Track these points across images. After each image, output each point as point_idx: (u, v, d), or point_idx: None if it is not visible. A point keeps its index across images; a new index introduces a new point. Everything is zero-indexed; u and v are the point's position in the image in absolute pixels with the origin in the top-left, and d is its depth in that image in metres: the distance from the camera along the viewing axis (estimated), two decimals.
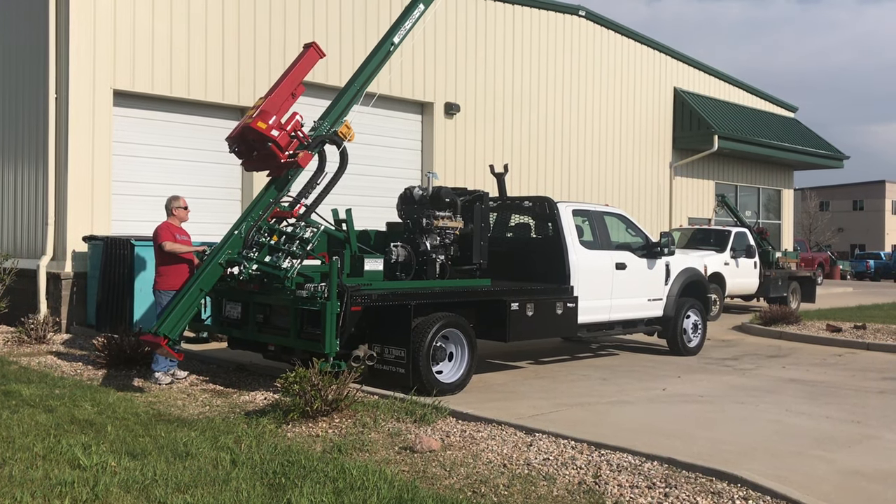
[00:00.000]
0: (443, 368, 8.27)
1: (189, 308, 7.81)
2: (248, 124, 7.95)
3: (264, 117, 7.89)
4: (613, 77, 21.30)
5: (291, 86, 8.30)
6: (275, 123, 7.91)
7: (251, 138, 8.06)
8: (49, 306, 12.05)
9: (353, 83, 8.89)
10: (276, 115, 7.97)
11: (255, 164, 8.50)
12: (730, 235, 17.59)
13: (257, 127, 7.85)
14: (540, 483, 5.24)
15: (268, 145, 7.92)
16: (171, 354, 7.63)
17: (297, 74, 8.47)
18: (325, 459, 5.53)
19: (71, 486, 4.83)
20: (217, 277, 8.05)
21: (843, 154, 28.62)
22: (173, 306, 7.78)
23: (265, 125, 7.84)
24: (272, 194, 8.30)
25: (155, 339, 7.53)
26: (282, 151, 7.96)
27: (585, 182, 20.36)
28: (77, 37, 12.00)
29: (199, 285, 7.89)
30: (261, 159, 8.30)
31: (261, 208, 8.22)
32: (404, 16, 9.37)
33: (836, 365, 10.98)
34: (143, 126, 12.97)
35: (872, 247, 63.39)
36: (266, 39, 14.07)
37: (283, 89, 8.25)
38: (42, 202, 12.34)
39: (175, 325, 7.67)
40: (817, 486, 5.34)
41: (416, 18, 9.38)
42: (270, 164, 8.24)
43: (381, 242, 9.08)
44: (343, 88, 8.97)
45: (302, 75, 8.52)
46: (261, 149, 8.09)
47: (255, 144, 8.11)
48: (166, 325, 7.61)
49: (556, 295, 9.60)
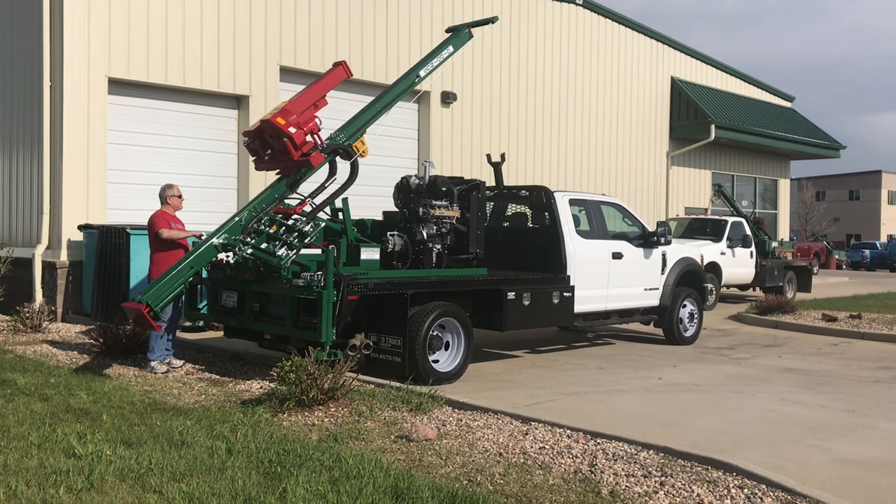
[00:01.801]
0: (439, 357, 8.27)
1: (176, 283, 7.81)
2: (268, 118, 8.08)
3: (285, 115, 8.05)
4: (611, 66, 21.25)
5: (315, 96, 8.47)
6: (294, 122, 8.06)
7: (268, 133, 8.17)
8: (44, 295, 12.03)
9: (375, 104, 9.13)
10: (296, 115, 8.11)
11: (267, 163, 8.61)
12: (726, 225, 17.60)
13: (276, 122, 7.98)
14: (536, 472, 5.25)
15: (283, 141, 8.02)
16: (150, 323, 7.54)
17: (322, 87, 8.65)
18: (320, 448, 5.52)
19: (66, 474, 4.82)
20: (210, 258, 8.08)
21: (839, 144, 28.60)
22: (161, 279, 7.82)
23: (284, 121, 7.99)
24: (280, 189, 8.40)
25: (137, 305, 7.53)
26: (296, 149, 8.06)
27: (582, 171, 20.34)
28: (72, 24, 11.93)
29: (191, 263, 7.92)
30: (273, 158, 8.42)
31: (265, 201, 8.31)
32: (434, 53, 9.85)
33: (832, 354, 11.00)
34: (138, 114, 12.91)
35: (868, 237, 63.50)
36: (262, 27, 13.99)
37: (307, 97, 8.41)
38: (37, 191, 12.30)
39: (159, 295, 7.66)
40: (812, 475, 5.36)
41: (444, 58, 9.86)
42: (282, 162, 8.35)
43: (378, 231, 9.06)
44: (365, 107, 9.16)
45: (327, 89, 8.68)
46: (276, 145, 8.19)
47: (271, 140, 8.21)
48: (150, 294, 7.63)
49: (552, 284, 9.59)
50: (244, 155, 13.94)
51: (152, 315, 7.54)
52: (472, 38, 10.47)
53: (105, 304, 11.11)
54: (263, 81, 14.01)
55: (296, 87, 14.58)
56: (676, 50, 23.59)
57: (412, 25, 16.26)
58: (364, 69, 15.40)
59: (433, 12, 16.61)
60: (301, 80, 14.70)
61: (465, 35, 10.28)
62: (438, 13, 16.71)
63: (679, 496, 4.84)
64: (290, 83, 14.52)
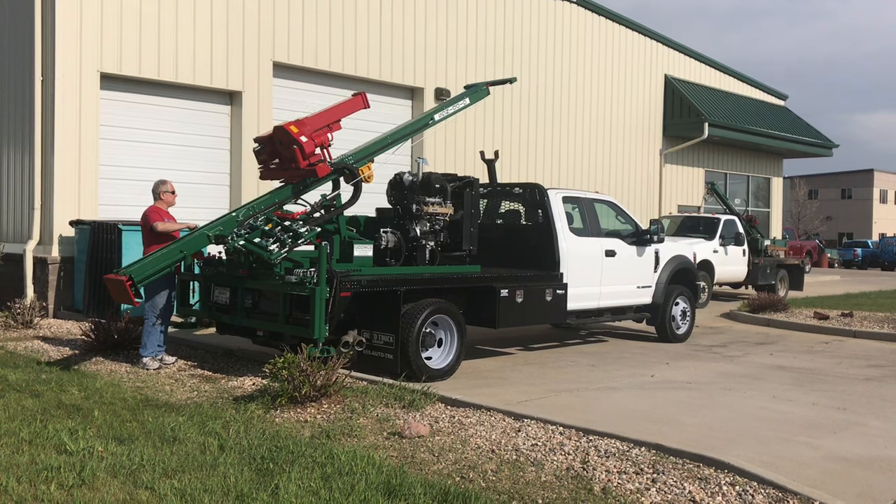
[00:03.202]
0: (432, 354, 8.27)
1: (163, 262, 7.83)
2: (282, 125, 8.32)
3: (298, 125, 8.33)
4: (604, 64, 21.26)
5: (331, 118, 8.74)
6: (306, 132, 8.29)
7: (279, 139, 8.35)
8: (36, 291, 11.98)
9: (388, 137, 9.36)
10: (310, 126, 8.35)
11: (272, 172, 8.78)
12: (719, 223, 17.63)
13: (289, 129, 8.22)
14: (528, 468, 5.25)
15: (293, 148, 8.22)
16: (129, 296, 7.50)
17: (339, 111, 8.88)
18: (313, 445, 5.52)
19: (57, 470, 4.81)
20: (200, 246, 8.12)
21: (832, 142, 28.68)
22: (148, 257, 7.87)
23: (297, 129, 8.24)
24: (283, 195, 8.55)
25: (118, 277, 7.53)
26: (304, 158, 8.25)
27: (575, 169, 20.36)
28: (63, 18, 11.86)
29: (180, 247, 7.97)
30: (279, 167, 8.61)
31: (265, 203, 8.41)
32: (450, 102, 10.23)
33: (823, 352, 11.04)
34: (130, 110, 12.86)
35: (860, 235, 63.79)
36: (255, 23, 13.95)
37: (323, 117, 8.68)
38: (28, 186, 12.24)
39: (143, 270, 7.67)
40: (803, 472, 5.38)
41: (459, 108, 10.25)
42: (288, 171, 8.53)
43: (371, 228, 9.05)
44: (377, 137, 9.36)
45: (343, 115, 8.90)
46: (285, 152, 8.36)
47: (281, 148, 8.38)
48: (134, 267, 7.66)
49: (545, 282, 9.60)
50: (237, 151, 13.91)
51: (133, 289, 7.52)
52: (489, 94, 10.96)
53: (97, 300, 11.07)
54: (256, 77, 13.97)
55: (289, 82, 14.63)
56: (670, 48, 23.61)
57: (406, 22, 16.23)
58: (357, 66, 15.37)
59: (427, 10, 16.58)
60: (294, 76, 14.71)
61: (483, 91, 10.71)
62: (433, 10, 16.68)
63: (671, 493, 4.85)
64: (283, 79, 14.51)
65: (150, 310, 8.40)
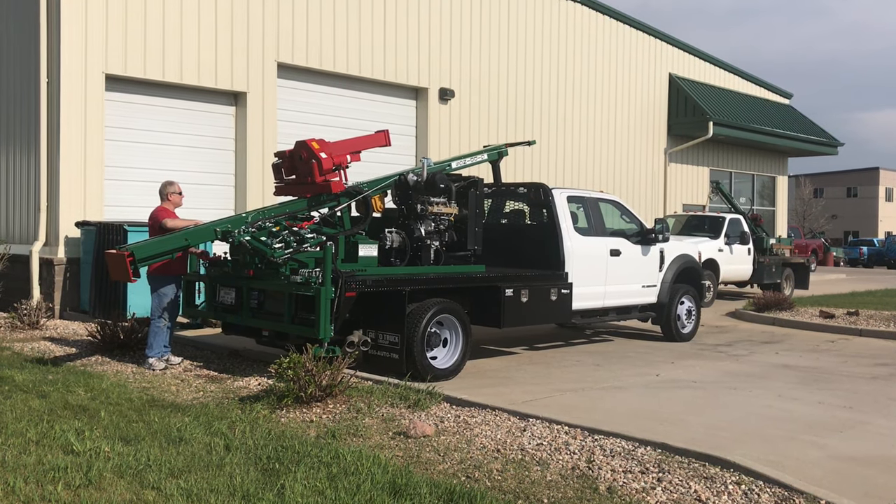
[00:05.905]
0: (437, 354, 8.28)
1: (166, 245, 7.90)
2: (305, 140, 8.54)
3: (321, 142, 8.56)
4: (609, 62, 21.23)
5: (353, 147, 8.94)
6: (327, 150, 8.51)
7: (300, 153, 8.53)
8: (42, 292, 12.01)
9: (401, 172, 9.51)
10: (331, 147, 8.58)
11: (287, 187, 8.98)
12: (724, 222, 17.60)
13: (311, 144, 8.43)
14: (533, 468, 5.25)
15: (311, 162, 8.40)
16: (127, 272, 7.51)
17: (361, 143, 9.20)
18: (318, 445, 5.53)
19: (64, 471, 4.82)
20: (206, 238, 8.22)
21: (837, 141, 28.60)
22: (153, 239, 7.98)
23: (318, 146, 8.45)
24: (296, 206, 8.68)
25: (119, 252, 7.58)
26: (320, 173, 8.42)
27: (580, 168, 20.34)
28: (69, 20, 11.90)
29: (185, 235, 8.04)
30: (294, 182, 8.81)
31: (276, 211, 8.54)
32: (470, 155, 10.49)
33: (829, 351, 11.02)
34: (135, 111, 12.89)
35: (866, 234, 63.57)
36: (259, 23, 13.97)
37: (346, 145, 8.90)
38: (34, 187, 12.27)
39: (145, 249, 7.73)
40: (809, 471, 5.37)
41: (477, 161, 10.49)
42: (303, 186, 8.71)
43: (376, 228, 9.07)
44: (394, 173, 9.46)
45: (364, 147, 9.18)
46: (303, 168, 8.53)
47: (300, 163, 8.56)
48: (138, 246, 7.72)
49: (550, 281, 9.60)
50: (241, 152, 13.94)
51: (133, 266, 7.55)
52: (507, 154, 11.00)
53: (103, 301, 11.10)
54: (261, 78, 13.99)
55: (293, 83, 14.65)
56: (674, 47, 23.56)
57: (409, 22, 16.23)
58: (362, 66, 15.38)
59: (431, 10, 16.58)
60: (299, 76, 14.72)
61: (502, 151, 10.85)
62: (437, 11, 16.69)
63: (676, 492, 4.85)
64: (287, 80, 14.52)
65: (155, 310, 8.43)
